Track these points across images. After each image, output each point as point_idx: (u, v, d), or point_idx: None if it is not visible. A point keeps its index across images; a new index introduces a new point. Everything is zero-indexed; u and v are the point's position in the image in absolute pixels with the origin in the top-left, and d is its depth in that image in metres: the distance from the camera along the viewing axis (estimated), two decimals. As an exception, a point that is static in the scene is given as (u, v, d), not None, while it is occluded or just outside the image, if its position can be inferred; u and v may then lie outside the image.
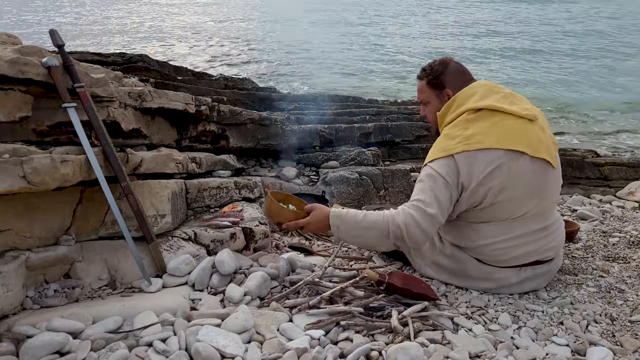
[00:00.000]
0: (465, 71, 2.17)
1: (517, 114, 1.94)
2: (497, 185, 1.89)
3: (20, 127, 1.98)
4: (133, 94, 2.46)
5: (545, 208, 2.03)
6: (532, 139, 1.94)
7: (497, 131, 1.91)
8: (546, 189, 1.98)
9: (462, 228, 2.07)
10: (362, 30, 14.07)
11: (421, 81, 2.23)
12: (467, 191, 1.91)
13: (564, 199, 3.71)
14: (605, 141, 5.98)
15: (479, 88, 2.04)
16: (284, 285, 2.09)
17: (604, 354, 1.66)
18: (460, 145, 1.90)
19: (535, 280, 2.11)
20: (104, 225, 2.09)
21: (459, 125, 1.98)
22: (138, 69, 4.63)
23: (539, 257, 2.06)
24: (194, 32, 13.53)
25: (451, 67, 2.16)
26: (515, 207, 1.95)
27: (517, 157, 1.89)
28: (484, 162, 1.88)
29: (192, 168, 2.67)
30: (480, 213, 1.98)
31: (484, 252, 2.05)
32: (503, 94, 2.02)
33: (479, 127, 1.92)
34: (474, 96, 2.01)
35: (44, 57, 1.95)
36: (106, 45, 11.24)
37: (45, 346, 1.50)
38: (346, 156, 3.74)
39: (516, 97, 2.05)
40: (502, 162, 1.88)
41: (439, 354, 1.59)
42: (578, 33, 14.57)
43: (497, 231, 1.99)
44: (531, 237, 2.01)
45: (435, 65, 2.18)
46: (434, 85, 2.17)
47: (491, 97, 1.99)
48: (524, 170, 1.91)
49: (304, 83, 8.57)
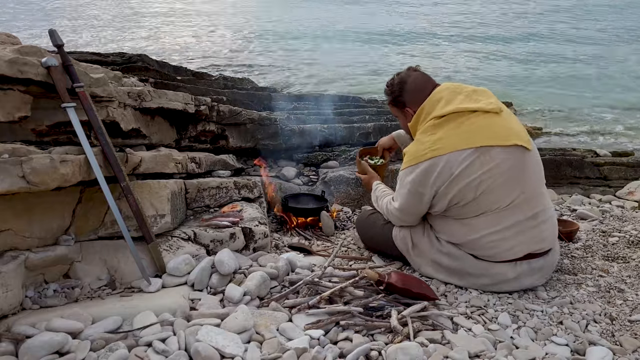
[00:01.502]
0: (425, 83, 2.22)
1: (483, 110, 2.04)
2: (474, 181, 1.97)
3: (20, 127, 1.98)
4: (132, 94, 2.46)
5: (532, 194, 2.05)
6: (500, 129, 2.03)
7: (464, 131, 2.01)
8: (527, 172, 2.04)
9: (454, 224, 2.11)
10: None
11: (387, 98, 2.33)
12: (441, 191, 2.03)
13: (564, 198, 3.71)
14: (604, 141, 5.99)
15: (444, 92, 2.12)
16: (283, 285, 2.09)
17: (604, 354, 1.66)
18: (429, 152, 2.02)
19: (532, 276, 2.11)
20: (103, 225, 2.09)
21: (427, 131, 2.08)
22: (137, 68, 4.63)
23: (532, 248, 2.07)
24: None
25: (409, 85, 2.22)
26: (500, 196, 2.00)
27: (487, 151, 1.98)
28: (455, 163, 1.98)
29: (192, 168, 2.67)
30: (465, 209, 2.03)
31: (477, 246, 2.07)
32: (466, 93, 2.11)
33: (445, 132, 2.03)
34: (439, 102, 2.10)
35: (43, 57, 1.95)
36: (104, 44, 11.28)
37: (44, 346, 1.50)
38: (346, 156, 3.74)
39: (480, 93, 2.14)
40: (473, 160, 1.97)
41: (438, 353, 1.59)
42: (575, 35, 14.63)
43: (488, 223, 2.03)
44: (521, 227, 2.03)
45: (394, 86, 2.27)
46: (396, 105, 2.29)
47: (456, 100, 2.08)
48: (498, 160, 1.98)
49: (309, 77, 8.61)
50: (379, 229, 2.44)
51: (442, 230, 2.17)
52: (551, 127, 6.34)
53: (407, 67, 2.32)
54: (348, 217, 3.19)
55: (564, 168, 4.04)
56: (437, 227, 2.19)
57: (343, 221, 3.12)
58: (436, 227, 2.20)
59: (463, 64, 10.05)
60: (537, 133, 6.01)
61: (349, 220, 3.14)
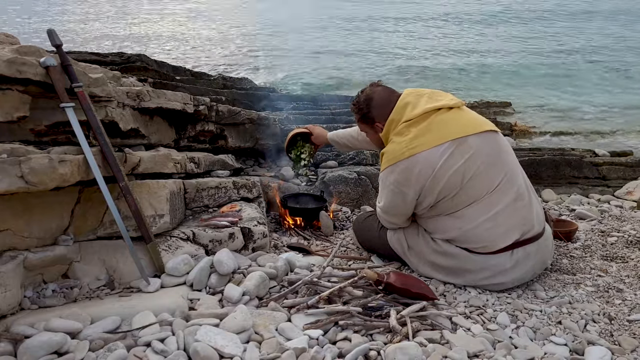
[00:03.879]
0: (390, 96, 2.26)
1: (447, 106, 2.13)
2: (458, 171, 2.02)
3: (18, 127, 1.98)
4: (131, 94, 2.46)
5: (512, 174, 2.12)
6: (469, 121, 2.14)
7: (436, 128, 2.07)
8: (503, 153, 2.14)
9: (447, 220, 2.12)
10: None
11: (356, 116, 2.39)
12: (426, 188, 2.06)
13: (563, 198, 3.71)
14: (603, 141, 5.99)
15: (409, 97, 2.19)
16: (282, 285, 2.09)
17: (603, 354, 1.66)
18: (407, 151, 2.06)
19: (529, 262, 2.12)
20: (102, 225, 2.09)
21: (401, 133, 2.13)
22: (136, 68, 4.63)
23: (523, 229, 2.09)
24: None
25: (375, 101, 2.26)
26: (486, 181, 2.06)
27: (464, 141, 2.06)
28: (434, 158, 2.03)
29: (191, 168, 2.67)
30: (455, 200, 2.06)
31: (472, 238, 2.07)
32: (428, 95, 2.20)
33: (419, 130, 2.09)
34: (407, 107, 2.16)
35: (41, 57, 1.95)
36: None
37: (43, 346, 1.50)
38: (345, 156, 3.74)
39: (438, 94, 2.23)
40: (452, 151, 2.03)
41: (437, 353, 1.59)
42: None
43: (479, 212, 2.05)
44: (509, 210, 2.06)
45: (361, 103, 2.31)
46: (365, 122, 2.34)
47: (421, 102, 2.16)
48: (475, 146, 2.06)
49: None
50: (375, 232, 2.45)
51: (436, 230, 2.17)
52: (550, 127, 6.35)
53: (370, 83, 2.38)
54: (347, 217, 3.19)
55: (562, 168, 4.04)
56: (430, 227, 2.20)
57: (342, 221, 3.12)
58: (429, 227, 2.21)
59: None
60: (535, 133, 6.01)
61: (348, 220, 3.14)
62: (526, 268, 2.12)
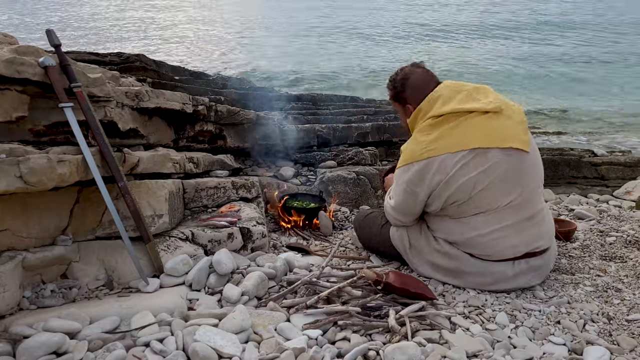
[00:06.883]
0: (428, 81, 2.19)
1: (481, 110, 2.01)
2: (469, 181, 1.97)
3: (17, 127, 1.97)
4: (130, 94, 2.46)
5: (529, 195, 2.06)
6: (498, 130, 2.00)
7: (460, 132, 1.99)
8: (525, 175, 2.03)
9: (451, 223, 2.11)
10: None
11: (389, 92, 2.31)
12: (436, 192, 2.03)
13: (561, 198, 3.71)
14: (602, 141, 6.00)
15: (443, 91, 2.10)
16: (281, 285, 2.09)
17: (601, 353, 1.66)
18: (425, 152, 2.01)
19: (530, 274, 2.11)
20: (101, 226, 2.08)
21: (424, 130, 2.07)
22: (135, 68, 4.63)
23: (532, 246, 2.07)
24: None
25: (412, 81, 2.20)
26: (497, 196, 2.00)
27: (483, 153, 1.97)
28: (449, 164, 1.98)
29: (190, 168, 2.66)
30: (462, 208, 2.04)
31: (475, 245, 2.07)
32: (466, 92, 2.08)
33: (441, 132, 2.02)
34: (437, 102, 2.08)
35: (40, 57, 1.95)
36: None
37: (42, 346, 1.49)
38: (344, 156, 3.74)
39: (480, 91, 2.10)
40: (467, 161, 1.97)
41: (436, 353, 1.59)
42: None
43: (488, 222, 2.03)
44: (521, 226, 2.03)
45: (397, 81, 2.24)
46: (397, 100, 2.28)
47: (454, 99, 2.05)
48: (494, 161, 1.97)
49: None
50: (376, 229, 2.44)
51: (439, 229, 2.17)
52: (549, 127, 6.36)
53: (412, 63, 2.30)
54: (346, 217, 3.19)
55: (561, 168, 4.05)
56: (434, 226, 2.19)
57: (341, 221, 3.12)
58: (433, 226, 2.20)
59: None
60: (534, 133, 6.03)
61: (347, 220, 3.14)
62: (527, 278, 2.12)
